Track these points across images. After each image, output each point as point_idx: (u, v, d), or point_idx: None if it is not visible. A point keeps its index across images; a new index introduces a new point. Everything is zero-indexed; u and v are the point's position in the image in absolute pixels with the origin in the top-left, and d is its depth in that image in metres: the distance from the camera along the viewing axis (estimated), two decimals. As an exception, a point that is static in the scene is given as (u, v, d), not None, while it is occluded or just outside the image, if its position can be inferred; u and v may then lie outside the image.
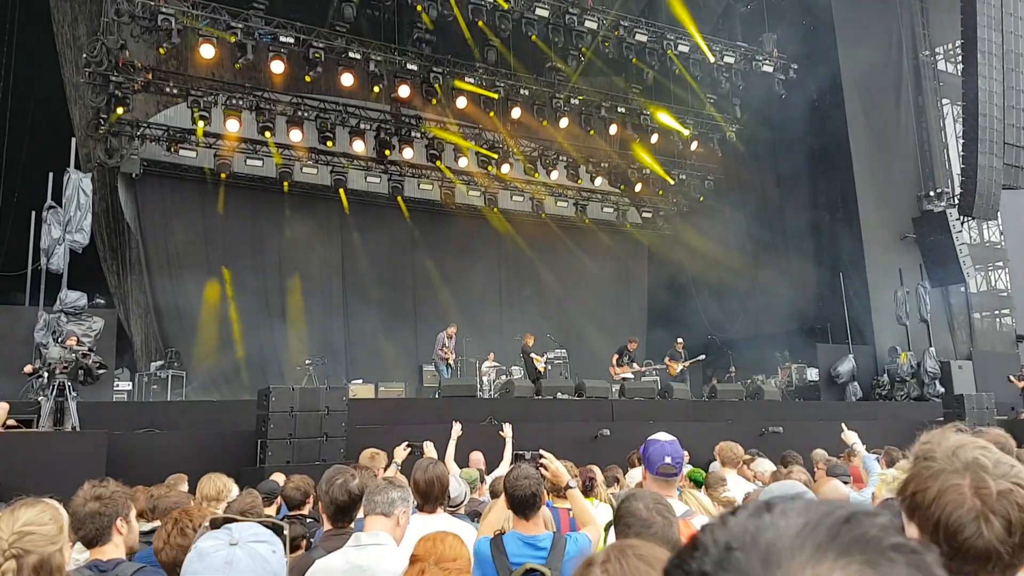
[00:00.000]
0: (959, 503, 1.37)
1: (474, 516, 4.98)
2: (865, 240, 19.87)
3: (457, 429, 7.22)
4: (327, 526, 3.64)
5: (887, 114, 21.27)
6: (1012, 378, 16.99)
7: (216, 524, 2.15)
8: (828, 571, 0.56)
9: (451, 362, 16.79)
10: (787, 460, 7.50)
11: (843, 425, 7.20)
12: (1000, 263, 27.94)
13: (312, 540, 4.12)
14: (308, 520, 4.84)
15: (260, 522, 2.13)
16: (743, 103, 21.56)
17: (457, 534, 3.11)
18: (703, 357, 18.93)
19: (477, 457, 7.76)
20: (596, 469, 5.97)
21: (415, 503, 4.05)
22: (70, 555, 2.31)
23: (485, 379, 16.66)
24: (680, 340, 18.83)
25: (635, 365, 17.17)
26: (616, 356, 17.13)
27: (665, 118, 21.06)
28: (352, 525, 3.62)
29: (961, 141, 19.69)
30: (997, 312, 26.82)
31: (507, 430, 7.44)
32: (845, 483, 5.80)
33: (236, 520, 2.21)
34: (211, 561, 1.82)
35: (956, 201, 20.16)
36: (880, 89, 21.20)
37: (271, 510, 5.27)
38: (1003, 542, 1.34)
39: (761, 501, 0.64)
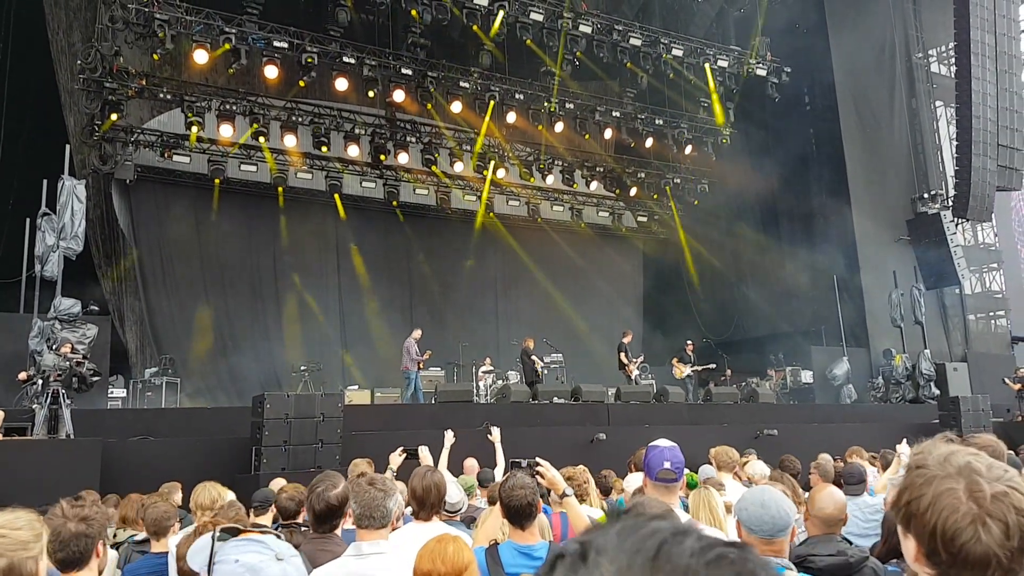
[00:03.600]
0: (954, 507, 1.35)
1: (469, 523, 4.96)
2: (859, 243, 19.91)
3: (450, 437, 7.08)
4: (312, 531, 3.73)
5: (880, 116, 21.34)
6: (1007, 380, 16.98)
7: (228, 533, 2.17)
8: None
9: (422, 365, 16.08)
10: (783, 464, 7.46)
11: None
12: (995, 264, 27.98)
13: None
14: (303, 529, 4.82)
15: (264, 532, 2.15)
16: (736, 107, 21.59)
17: (458, 537, 3.08)
18: (714, 366, 18.78)
19: (471, 464, 7.68)
20: (585, 471, 5.77)
21: (411, 510, 4.05)
22: (45, 566, 2.27)
23: (481, 384, 16.62)
24: (690, 342, 18.74)
25: (635, 360, 17.09)
26: (623, 354, 16.97)
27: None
28: (335, 531, 3.68)
29: (955, 143, 19.75)
30: (992, 314, 26.80)
31: (495, 433, 7.36)
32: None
33: (248, 531, 2.23)
34: (267, 574, 1.90)
35: (950, 203, 20.21)
36: (873, 91, 21.27)
37: (266, 518, 5.24)
38: (1001, 546, 1.32)
39: (575, 550, 0.61)
